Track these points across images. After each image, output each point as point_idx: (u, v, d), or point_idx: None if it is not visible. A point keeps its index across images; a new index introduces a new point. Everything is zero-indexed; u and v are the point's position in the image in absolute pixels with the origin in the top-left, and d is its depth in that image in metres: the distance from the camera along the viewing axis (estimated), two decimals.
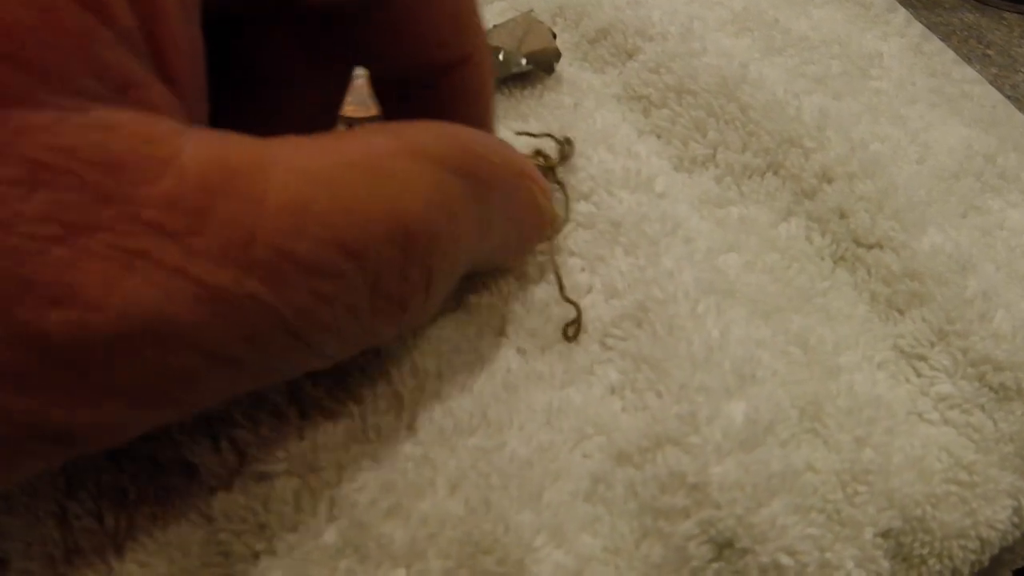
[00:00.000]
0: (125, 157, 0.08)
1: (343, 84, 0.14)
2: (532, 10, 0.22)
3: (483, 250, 0.13)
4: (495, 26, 0.21)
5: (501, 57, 0.20)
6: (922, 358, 0.16)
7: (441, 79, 0.13)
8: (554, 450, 0.13)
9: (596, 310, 0.15)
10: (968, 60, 0.30)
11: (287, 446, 0.14)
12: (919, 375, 0.16)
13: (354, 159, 0.10)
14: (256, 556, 0.13)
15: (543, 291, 0.16)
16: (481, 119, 0.14)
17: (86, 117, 0.08)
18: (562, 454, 0.13)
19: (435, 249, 0.10)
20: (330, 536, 0.13)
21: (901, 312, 0.17)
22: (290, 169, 0.09)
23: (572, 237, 0.16)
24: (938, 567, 0.15)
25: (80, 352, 0.08)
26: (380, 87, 0.14)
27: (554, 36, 0.21)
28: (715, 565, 0.13)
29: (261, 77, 0.13)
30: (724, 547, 0.13)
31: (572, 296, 0.15)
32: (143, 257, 0.08)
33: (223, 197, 0.08)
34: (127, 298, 0.08)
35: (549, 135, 0.18)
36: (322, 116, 0.14)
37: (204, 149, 0.08)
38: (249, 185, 0.09)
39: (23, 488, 0.15)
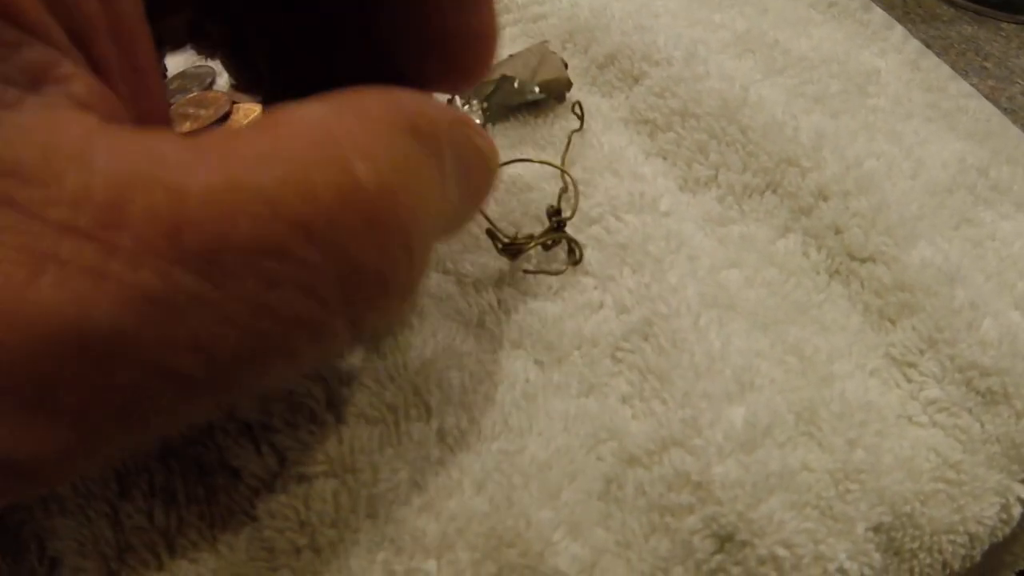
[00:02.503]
0: (23, 156, 0.07)
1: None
2: (546, 41, 0.24)
3: (448, 209, 0.12)
4: (510, 56, 0.23)
5: (516, 85, 0.22)
6: (912, 365, 0.18)
7: None
8: (570, 453, 0.15)
9: (608, 325, 0.17)
10: (965, 73, 0.32)
11: (326, 449, 0.15)
12: (909, 381, 0.18)
13: (292, 131, 0.09)
14: (298, 551, 0.15)
15: (556, 307, 0.18)
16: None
17: None
18: (578, 457, 0.15)
19: (403, 212, 0.09)
20: (367, 531, 0.14)
21: (892, 322, 0.19)
22: (221, 153, 0.08)
23: (585, 258, 0.18)
24: (928, 560, 0.17)
25: None
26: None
27: (566, 66, 0.23)
28: (717, 557, 0.14)
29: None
30: (726, 540, 0.14)
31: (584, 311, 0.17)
32: (53, 260, 0.07)
33: (141, 190, 0.08)
34: (38, 305, 0.07)
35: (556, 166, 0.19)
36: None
37: (121, 143, 0.08)
38: (171, 174, 0.08)
39: (76, 491, 0.16)
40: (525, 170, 0.20)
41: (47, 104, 0.08)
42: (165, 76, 0.27)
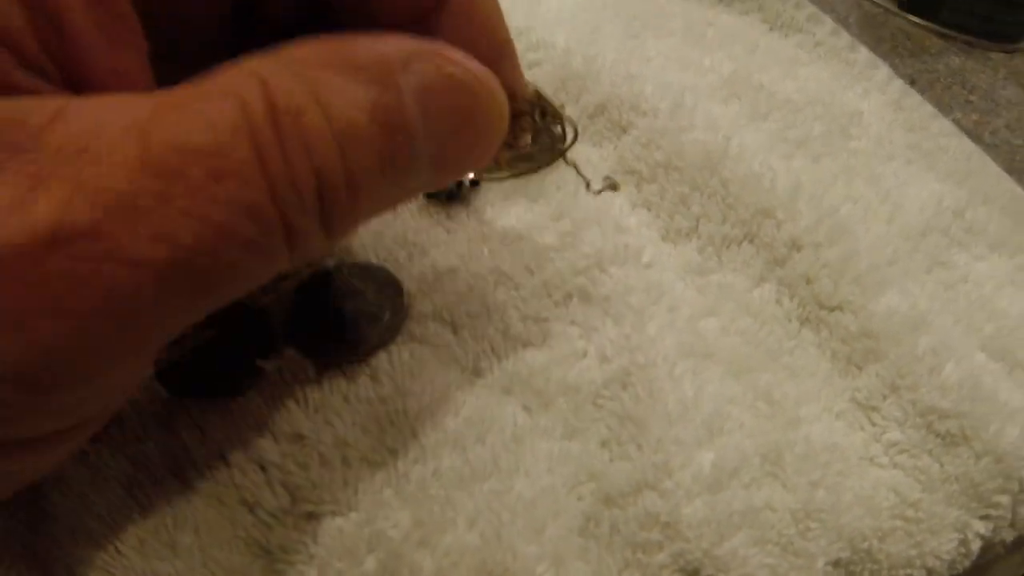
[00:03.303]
0: (9, 113, 0.10)
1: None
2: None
3: (419, 151, 0.12)
4: None
5: None
6: (875, 409, 0.20)
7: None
8: (554, 493, 0.17)
9: (590, 373, 0.19)
10: (950, 107, 0.33)
11: (332, 489, 0.17)
12: (873, 424, 0.20)
13: (222, 76, 0.11)
14: None
15: (544, 355, 0.20)
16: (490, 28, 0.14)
17: None
18: (560, 496, 0.17)
19: (311, 127, 0.11)
20: (370, 564, 0.16)
21: (859, 368, 0.20)
22: (170, 95, 0.11)
23: (572, 309, 0.20)
24: None
25: (7, 267, 0.09)
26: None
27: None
28: None
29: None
30: (692, 574, 0.16)
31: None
32: (43, 178, 0.10)
33: (110, 122, 0.10)
34: (30, 211, 0.09)
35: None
36: None
37: (95, 100, 0.11)
38: (136, 107, 0.10)
39: (102, 521, 0.18)
40: (517, 221, 0.22)
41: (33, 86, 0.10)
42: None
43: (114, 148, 0.10)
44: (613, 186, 0.19)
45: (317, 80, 0.11)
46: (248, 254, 0.11)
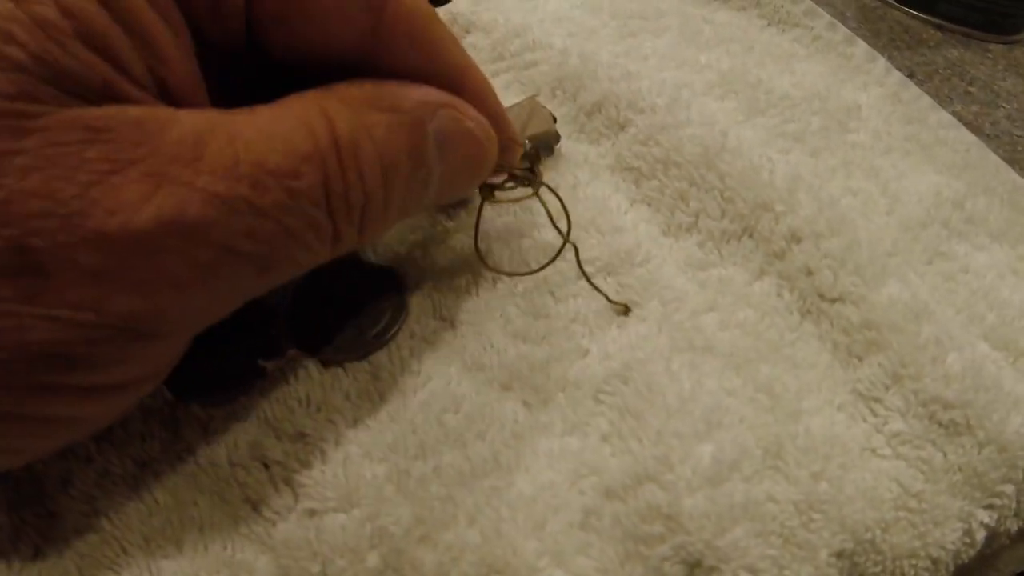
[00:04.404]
0: (142, 119, 0.13)
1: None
2: (536, 94, 0.26)
3: (432, 179, 0.17)
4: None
5: None
6: (878, 400, 0.20)
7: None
8: (555, 488, 0.17)
9: (591, 370, 0.19)
10: (950, 99, 0.33)
11: (334, 486, 0.18)
12: (875, 415, 0.20)
13: (293, 104, 0.15)
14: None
15: (543, 351, 0.20)
16: (436, 55, 0.17)
17: (101, 107, 0.13)
18: (561, 491, 0.17)
19: (365, 165, 0.15)
20: (373, 560, 0.17)
21: (860, 359, 0.21)
22: (254, 117, 0.14)
23: (576, 308, 0.20)
24: None
25: (130, 246, 0.12)
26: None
27: (555, 119, 0.25)
28: None
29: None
30: (694, 567, 0.17)
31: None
32: (165, 178, 0.13)
33: (212, 137, 0.13)
34: (157, 204, 0.13)
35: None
36: None
37: (195, 114, 0.14)
38: (230, 126, 0.14)
39: (113, 523, 0.19)
40: (516, 220, 0.23)
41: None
42: None
43: (216, 161, 0.13)
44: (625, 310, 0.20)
45: (369, 119, 0.15)
46: (303, 250, 0.15)
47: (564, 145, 0.25)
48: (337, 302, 0.21)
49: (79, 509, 0.18)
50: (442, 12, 0.33)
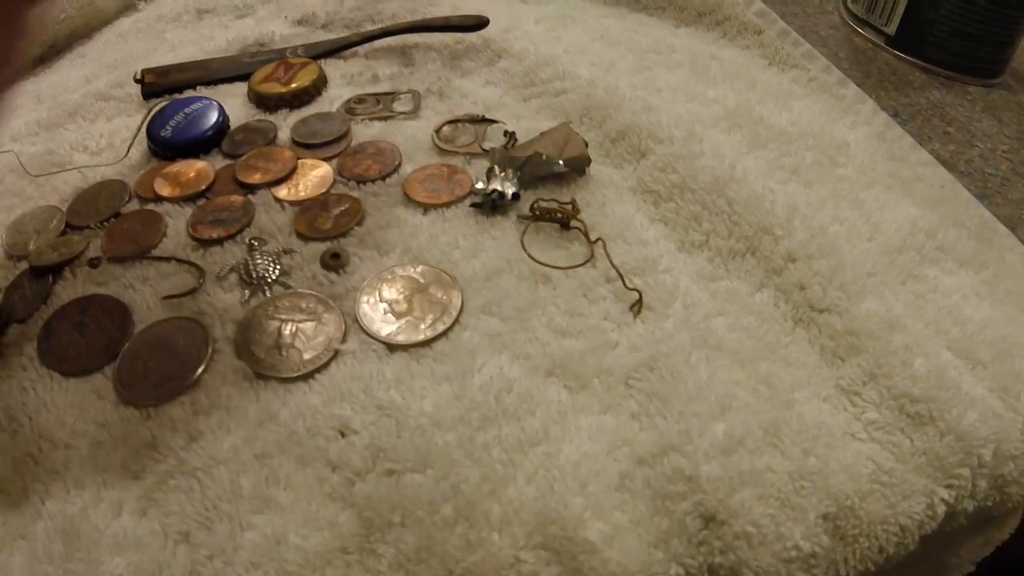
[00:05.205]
0: None
1: None
2: (570, 121, 0.31)
3: None
4: (542, 134, 0.30)
5: (544, 158, 0.29)
6: (857, 394, 0.25)
7: None
8: (594, 456, 0.22)
9: (622, 360, 0.24)
10: (929, 138, 0.39)
11: (413, 450, 0.22)
12: (854, 406, 0.25)
13: None
14: (390, 526, 0.21)
15: (580, 344, 0.24)
16: None
17: None
18: (600, 459, 0.22)
19: None
20: (447, 510, 0.21)
21: (843, 360, 0.25)
22: None
23: (606, 308, 0.25)
24: (867, 544, 0.23)
25: None
26: None
27: (586, 145, 0.30)
28: (703, 532, 0.21)
29: None
30: (709, 520, 0.21)
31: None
32: None
33: None
34: None
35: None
36: None
37: None
38: None
39: (206, 483, 0.23)
40: (553, 232, 0.27)
41: None
42: None
43: None
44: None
45: None
46: None
47: (592, 168, 0.30)
48: None
49: (166, 470, 0.22)
50: (474, 37, 0.38)
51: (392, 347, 0.25)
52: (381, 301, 0.26)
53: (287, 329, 0.25)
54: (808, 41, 0.40)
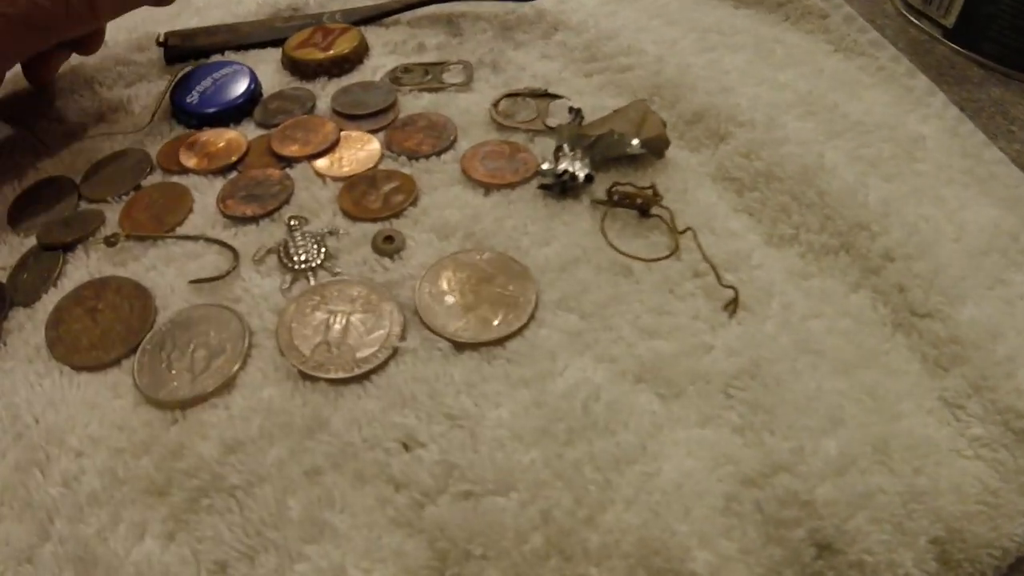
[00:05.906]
0: None
1: None
2: (647, 99, 0.28)
3: None
4: (615, 111, 0.27)
5: (616, 137, 0.27)
6: (961, 407, 0.23)
7: None
8: (697, 475, 0.20)
9: (718, 365, 0.22)
10: (994, 137, 0.37)
11: (492, 468, 0.19)
12: (958, 420, 0.23)
13: None
14: (469, 558, 0.19)
15: (671, 345, 0.22)
16: None
17: None
18: (703, 479, 0.20)
19: None
20: (537, 540, 0.18)
21: (946, 370, 0.24)
22: None
23: (697, 306, 0.23)
24: (970, 569, 0.22)
25: None
26: None
27: (664, 125, 0.27)
28: (818, 563, 0.19)
29: None
30: (824, 549, 0.19)
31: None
32: None
33: None
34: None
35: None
36: None
37: None
38: None
39: (249, 505, 0.20)
40: (630, 217, 0.25)
41: None
42: None
43: None
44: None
45: None
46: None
47: (669, 151, 0.28)
48: None
49: (198, 486, 0.19)
50: (527, 7, 0.35)
51: (459, 345, 0.22)
52: (444, 292, 0.23)
53: (336, 322, 0.23)
54: (876, 31, 0.38)
